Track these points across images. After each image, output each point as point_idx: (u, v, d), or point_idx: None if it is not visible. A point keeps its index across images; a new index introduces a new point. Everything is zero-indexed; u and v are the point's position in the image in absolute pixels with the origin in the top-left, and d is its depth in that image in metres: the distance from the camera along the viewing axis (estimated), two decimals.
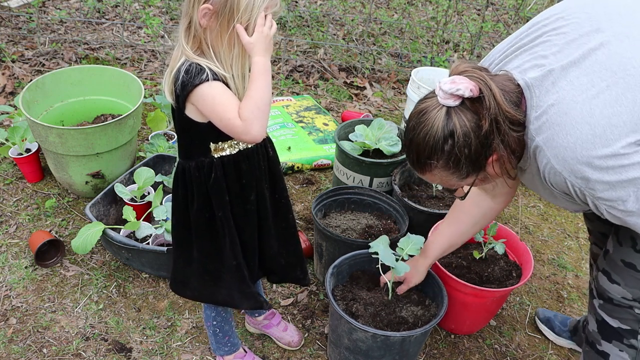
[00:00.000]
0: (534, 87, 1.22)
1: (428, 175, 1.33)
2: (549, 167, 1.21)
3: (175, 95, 1.35)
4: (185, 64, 1.33)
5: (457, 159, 1.24)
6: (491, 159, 1.26)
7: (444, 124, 1.22)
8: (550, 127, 1.18)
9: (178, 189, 1.53)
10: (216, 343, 1.82)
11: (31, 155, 2.54)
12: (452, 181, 1.33)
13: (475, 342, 2.10)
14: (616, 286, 1.45)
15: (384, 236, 1.86)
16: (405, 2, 4.74)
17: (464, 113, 1.22)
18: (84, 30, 3.92)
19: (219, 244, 1.55)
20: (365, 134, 2.53)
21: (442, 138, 1.23)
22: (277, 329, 1.99)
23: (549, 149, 1.19)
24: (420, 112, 1.27)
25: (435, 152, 1.25)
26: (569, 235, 2.69)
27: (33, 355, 1.89)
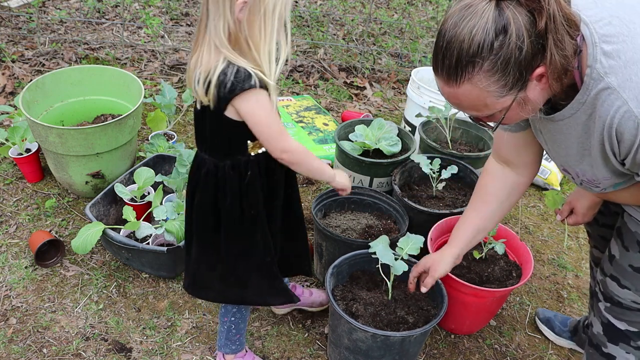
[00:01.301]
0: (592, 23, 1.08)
1: (465, 86, 1.10)
2: (624, 110, 1.06)
3: (217, 96, 1.35)
4: (231, 67, 1.33)
5: (507, 60, 1.05)
6: (537, 72, 1.08)
7: (496, 15, 1.03)
8: (626, 65, 1.04)
9: (207, 190, 1.52)
10: (225, 339, 1.81)
11: (31, 155, 2.54)
12: (490, 98, 1.11)
13: (475, 342, 2.10)
14: (627, 291, 1.43)
15: (383, 236, 1.86)
16: (405, 2, 4.74)
17: (516, 7, 1.03)
18: (84, 30, 3.92)
19: (251, 242, 1.56)
20: (365, 134, 2.53)
21: (492, 32, 1.03)
22: (304, 297, 2.04)
23: (626, 90, 1.05)
24: (464, 7, 1.06)
25: (483, 49, 1.04)
26: (569, 235, 2.69)
27: (33, 355, 1.89)
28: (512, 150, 1.53)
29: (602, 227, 1.70)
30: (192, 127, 3.12)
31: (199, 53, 1.38)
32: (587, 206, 1.67)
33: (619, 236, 1.44)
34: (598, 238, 1.74)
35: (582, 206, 1.68)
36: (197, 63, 1.38)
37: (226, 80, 1.33)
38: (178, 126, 3.09)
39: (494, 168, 1.59)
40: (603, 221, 1.69)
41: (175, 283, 2.20)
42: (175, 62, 3.65)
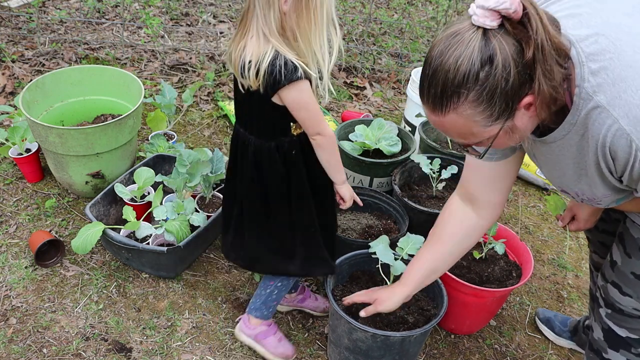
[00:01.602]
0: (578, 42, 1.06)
1: (451, 115, 1.07)
2: (615, 128, 1.04)
3: (265, 84, 1.48)
4: (280, 57, 1.45)
5: (492, 91, 1.02)
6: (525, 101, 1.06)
7: (482, 45, 1.00)
8: (614, 83, 1.03)
9: (254, 166, 1.66)
10: (262, 303, 1.87)
11: (31, 155, 2.54)
12: (476, 127, 1.09)
13: (475, 342, 2.10)
14: (628, 298, 1.42)
15: (383, 236, 1.86)
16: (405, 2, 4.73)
17: (503, 37, 1.01)
18: (84, 30, 3.92)
19: (298, 217, 1.71)
20: (365, 134, 2.53)
21: (478, 62, 1.00)
22: (310, 301, 2.11)
23: (615, 108, 1.03)
24: (450, 35, 1.04)
25: (468, 80, 1.02)
26: (569, 236, 2.68)
27: (33, 355, 1.89)
28: (483, 184, 1.47)
29: (602, 234, 1.69)
30: (192, 127, 3.13)
31: (245, 40, 1.49)
32: (588, 213, 1.66)
33: (620, 242, 1.42)
34: (598, 244, 1.73)
35: (584, 213, 1.67)
36: (243, 49, 1.49)
37: (275, 70, 1.45)
38: (178, 126, 3.09)
39: (456, 207, 1.54)
40: (603, 227, 1.68)
41: (175, 283, 2.20)
42: (175, 62, 3.65)
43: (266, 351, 1.91)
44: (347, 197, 1.82)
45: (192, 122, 3.16)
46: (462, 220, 1.53)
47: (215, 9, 4.37)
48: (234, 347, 1.98)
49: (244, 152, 1.68)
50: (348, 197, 1.82)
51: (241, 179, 1.73)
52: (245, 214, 1.77)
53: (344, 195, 1.81)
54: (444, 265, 1.62)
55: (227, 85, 3.50)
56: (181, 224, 2.11)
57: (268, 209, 1.72)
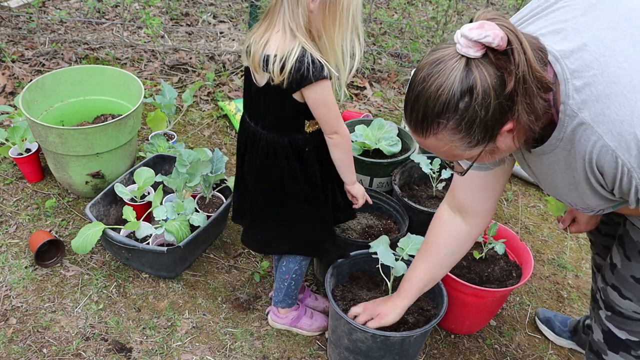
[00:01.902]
0: (563, 58, 1.06)
1: (432, 139, 1.10)
2: (600, 145, 1.04)
3: (290, 80, 1.50)
4: (307, 55, 1.48)
5: (471, 121, 1.04)
6: (507, 128, 1.07)
7: (463, 76, 1.01)
8: (598, 99, 1.03)
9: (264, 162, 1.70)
10: (284, 295, 1.97)
11: (31, 155, 2.54)
12: (456, 150, 1.11)
13: (475, 342, 2.10)
14: (628, 302, 1.41)
15: (384, 236, 1.86)
16: (405, 2, 4.73)
17: (486, 67, 1.01)
18: (84, 30, 3.91)
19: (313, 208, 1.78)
20: (365, 134, 2.53)
21: (458, 93, 1.02)
22: (310, 300, 2.15)
23: (599, 124, 1.03)
24: (433, 62, 1.05)
25: (448, 109, 1.03)
26: (569, 235, 2.68)
27: (33, 355, 1.89)
28: (472, 193, 1.48)
29: (605, 237, 1.68)
30: (192, 127, 3.13)
31: (269, 34, 1.52)
32: (589, 215, 1.66)
33: (620, 245, 1.42)
34: (600, 247, 1.73)
35: (583, 216, 1.67)
36: (266, 43, 1.51)
37: (302, 67, 1.48)
38: (178, 126, 3.08)
39: (446, 217, 1.56)
40: (606, 230, 1.67)
41: (175, 283, 2.20)
42: (175, 62, 3.65)
43: (304, 331, 2.05)
44: (359, 195, 1.86)
45: (192, 122, 3.16)
46: (453, 232, 1.56)
47: (215, 9, 4.37)
48: (234, 347, 1.98)
49: (254, 145, 1.71)
50: (360, 196, 1.86)
51: (249, 172, 1.77)
52: (255, 206, 1.84)
53: (356, 194, 1.85)
54: (441, 273, 1.67)
55: (227, 85, 3.50)
56: (181, 224, 2.11)
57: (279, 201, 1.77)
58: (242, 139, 1.76)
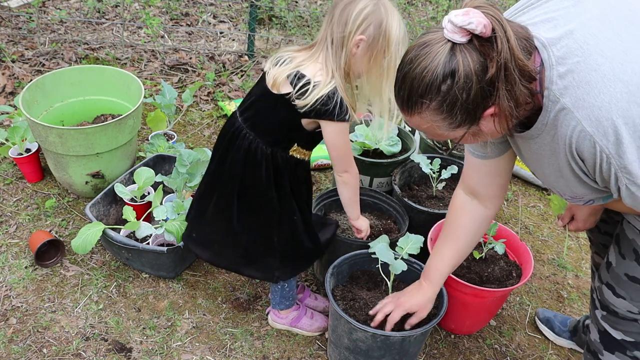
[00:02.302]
0: (550, 46, 1.10)
1: (416, 117, 1.16)
2: (579, 130, 1.07)
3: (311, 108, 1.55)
4: (338, 95, 1.54)
5: (453, 103, 1.09)
6: (489, 112, 1.12)
7: (446, 60, 1.07)
8: (579, 85, 1.06)
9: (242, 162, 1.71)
10: (280, 297, 1.97)
11: (31, 155, 2.54)
12: (440, 130, 1.17)
13: (475, 342, 2.10)
14: (621, 300, 1.42)
15: (383, 235, 1.86)
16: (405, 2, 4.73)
17: (470, 53, 1.06)
18: (84, 30, 3.91)
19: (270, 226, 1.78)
20: (366, 134, 2.53)
21: (440, 76, 1.07)
22: (309, 300, 2.15)
23: (579, 109, 1.06)
24: (421, 45, 1.11)
25: (430, 90, 1.09)
26: (569, 235, 2.68)
27: (33, 355, 1.89)
28: (481, 179, 1.52)
29: (604, 235, 1.69)
30: (192, 127, 3.13)
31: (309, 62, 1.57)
32: (587, 213, 1.67)
33: (616, 243, 1.42)
34: (600, 245, 1.73)
35: (582, 213, 1.69)
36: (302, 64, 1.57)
37: (330, 103, 1.53)
38: (178, 126, 3.09)
39: (463, 201, 1.59)
40: (605, 229, 1.68)
41: (175, 283, 2.20)
42: (175, 62, 3.65)
43: (304, 331, 2.04)
44: (363, 228, 1.96)
45: (192, 122, 3.16)
46: (471, 214, 1.59)
47: (215, 9, 4.37)
48: (234, 347, 1.98)
49: (235, 142, 1.70)
50: (364, 229, 1.97)
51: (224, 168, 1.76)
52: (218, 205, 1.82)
53: (359, 228, 1.96)
54: (463, 257, 1.70)
55: (227, 85, 3.50)
56: (181, 224, 2.11)
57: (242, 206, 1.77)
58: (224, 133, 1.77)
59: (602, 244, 1.71)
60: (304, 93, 1.54)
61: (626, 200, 1.15)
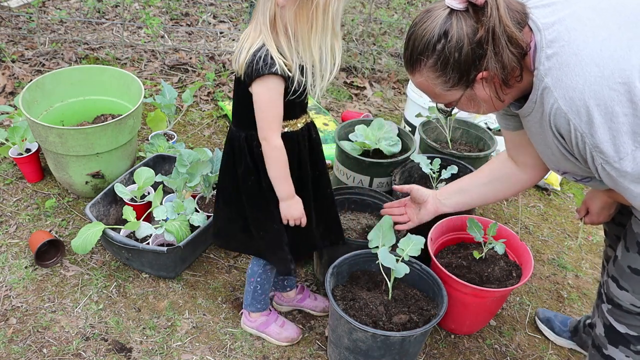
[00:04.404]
0: (544, 29, 1.20)
1: (417, 76, 1.31)
2: (555, 107, 1.19)
3: (245, 72, 1.48)
4: (263, 49, 1.45)
5: (446, 60, 1.23)
6: (481, 75, 1.24)
7: (442, 22, 1.22)
8: (560, 67, 1.17)
9: (228, 153, 1.69)
10: (252, 299, 1.94)
11: (31, 155, 2.54)
12: (437, 88, 1.30)
13: (475, 342, 2.10)
14: (625, 293, 1.43)
15: (386, 216, 1.87)
16: (405, 2, 4.73)
17: (464, 18, 1.21)
18: (84, 30, 3.91)
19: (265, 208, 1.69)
20: (365, 134, 2.53)
21: (436, 35, 1.22)
22: (309, 300, 2.12)
23: (556, 89, 1.17)
24: (426, 11, 1.26)
25: (427, 48, 1.24)
26: (569, 235, 2.68)
27: (33, 355, 1.89)
28: (516, 149, 1.61)
29: (619, 227, 1.70)
30: (192, 127, 3.13)
31: (249, 28, 1.50)
32: (600, 206, 1.71)
33: (623, 237, 1.44)
34: (614, 237, 1.75)
35: (595, 206, 1.73)
36: (246, 36, 1.50)
37: (253, 61, 1.45)
38: (178, 126, 3.09)
39: (503, 156, 1.69)
40: (620, 220, 1.70)
41: (175, 283, 2.20)
42: (175, 62, 3.65)
43: (271, 338, 1.99)
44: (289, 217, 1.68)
45: (192, 122, 3.16)
46: (503, 164, 1.68)
47: (215, 9, 4.37)
48: (234, 347, 1.98)
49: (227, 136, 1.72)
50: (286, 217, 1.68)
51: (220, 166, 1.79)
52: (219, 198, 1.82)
53: (285, 215, 1.67)
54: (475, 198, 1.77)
55: (227, 85, 3.50)
56: (181, 224, 2.11)
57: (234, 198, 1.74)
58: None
59: (617, 235, 1.71)
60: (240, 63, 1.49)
61: (605, 181, 1.23)
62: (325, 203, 1.85)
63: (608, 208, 1.70)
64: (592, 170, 1.24)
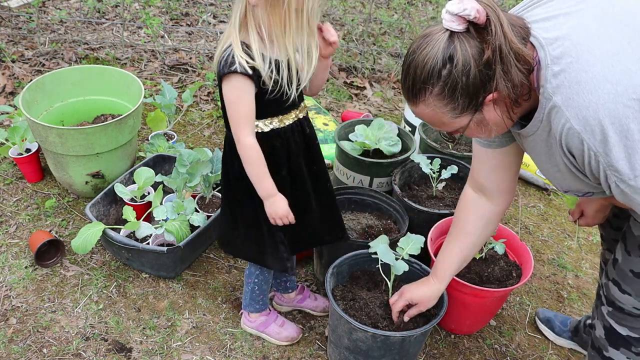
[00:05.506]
0: (547, 45, 1.15)
1: (422, 106, 1.22)
2: (567, 127, 1.13)
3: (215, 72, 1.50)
4: (229, 49, 1.44)
5: (454, 87, 1.16)
6: (490, 97, 1.17)
7: (445, 46, 1.14)
8: (570, 85, 1.11)
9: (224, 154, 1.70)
10: (250, 299, 1.95)
11: (31, 155, 2.54)
12: (445, 117, 1.22)
13: (475, 342, 2.10)
14: (627, 296, 1.43)
15: (383, 236, 1.86)
16: (405, 2, 4.73)
17: (467, 40, 1.14)
18: (84, 30, 3.92)
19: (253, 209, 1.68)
20: (365, 134, 2.53)
21: (440, 61, 1.15)
22: (309, 300, 2.12)
23: (568, 108, 1.12)
24: (423, 36, 1.19)
25: (432, 76, 1.16)
26: (569, 235, 2.69)
27: (33, 355, 1.89)
28: (489, 173, 1.54)
29: (616, 231, 1.69)
30: (192, 127, 3.13)
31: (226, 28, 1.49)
32: (595, 209, 1.70)
33: (623, 240, 1.43)
34: (611, 241, 1.74)
35: (590, 209, 1.71)
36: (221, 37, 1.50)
37: (220, 61, 1.46)
38: (178, 126, 3.09)
39: (471, 198, 1.62)
40: (617, 224, 1.68)
41: (175, 283, 2.20)
42: (175, 62, 3.65)
43: (271, 338, 1.99)
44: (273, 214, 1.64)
45: (192, 122, 3.16)
46: (479, 211, 1.61)
47: (215, 9, 4.37)
48: (234, 347, 1.99)
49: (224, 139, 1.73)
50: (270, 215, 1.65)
51: None
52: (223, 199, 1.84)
53: (270, 213, 1.64)
54: (472, 253, 1.70)
55: None
56: (181, 224, 2.11)
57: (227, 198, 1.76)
58: None
59: (614, 239, 1.71)
60: None
61: (618, 197, 1.19)
62: (329, 197, 1.84)
63: (603, 210, 1.69)
64: (603, 187, 1.19)
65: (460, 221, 1.67)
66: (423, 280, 1.76)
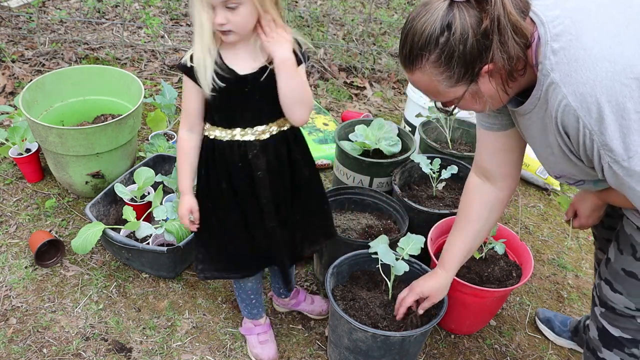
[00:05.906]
0: (548, 23, 1.16)
1: (418, 74, 1.23)
2: (564, 104, 1.13)
3: None
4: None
5: (450, 54, 1.16)
6: (486, 68, 1.18)
7: (444, 14, 1.15)
8: (569, 62, 1.12)
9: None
10: (239, 304, 1.94)
11: (31, 155, 2.54)
12: (440, 86, 1.23)
13: (475, 342, 2.10)
14: (619, 296, 1.43)
15: (383, 236, 1.86)
16: (405, 2, 4.73)
17: (466, 9, 1.14)
18: (84, 30, 3.91)
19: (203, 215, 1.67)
20: (365, 134, 2.53)
21: (438, 29, 1.15)
22: (305, 304, 2.09)
23: (566, 85, 1.12)
24: (423, 4, 1.19)
25: (429, 43, 1.17)
26: (569, 235, 2.68)
27: (33, 355, 1.89)
28: (493, 157, 1.55)
29: (608, 230, 1.69)
30: None
31: None
32: (589, 209, 1.68)
33: (616, 239, 1.43)
34: (603, 241, 1.74)
35: (584, 209, 1.70)
36: None
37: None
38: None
39: (475, 185, 1.63)
40: (609, 224, 1.68)
41: (175, 283, 2.20)
42: (175, 62, 3.65)
43: (248, 346, 1.98)
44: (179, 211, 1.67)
45: None
46: (483, 197, 1.61)
47: None
48: (234, 347, 1.99)
49: None
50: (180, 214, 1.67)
51: None
52: None
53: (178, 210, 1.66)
54: (478, 242, 1.70)
55: None
56: (181, 224, 2.11)
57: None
58: None
59: (606, 239, 1.71)
60: None
61: (610, 181, 1.19)
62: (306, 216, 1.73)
63: (597, 210, 1.68)
64: (596, 170, 1.20)
65: (464, 209, 1.67)
66: (430, 274, 1.75)
